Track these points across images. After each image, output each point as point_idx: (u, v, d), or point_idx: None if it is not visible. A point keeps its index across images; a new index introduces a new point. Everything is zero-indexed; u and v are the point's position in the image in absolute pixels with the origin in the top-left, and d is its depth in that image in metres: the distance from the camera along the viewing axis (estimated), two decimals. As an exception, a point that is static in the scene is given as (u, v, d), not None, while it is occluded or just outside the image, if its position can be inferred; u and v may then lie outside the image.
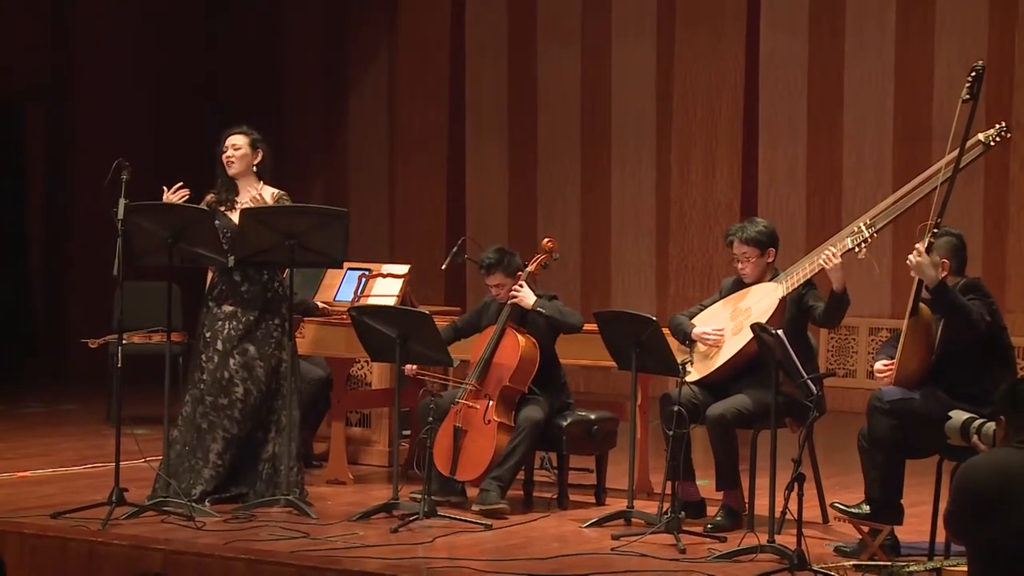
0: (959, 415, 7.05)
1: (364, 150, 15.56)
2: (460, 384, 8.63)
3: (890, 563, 7.15)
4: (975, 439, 6.86)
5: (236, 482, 8.43)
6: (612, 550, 7.53)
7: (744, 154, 13.74)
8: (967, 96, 7.40)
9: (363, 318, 8.33)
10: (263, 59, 15.85)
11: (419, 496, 8.11)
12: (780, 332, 7.38)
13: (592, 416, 8.72)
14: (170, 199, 8.32)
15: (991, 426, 6.82)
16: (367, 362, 9.92)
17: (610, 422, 8.81)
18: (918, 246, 7.30)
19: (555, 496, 8.72)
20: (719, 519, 8.01)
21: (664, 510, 7.82)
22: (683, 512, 7.87)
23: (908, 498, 7.48)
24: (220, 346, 8.40)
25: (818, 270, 7.96)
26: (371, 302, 9.51)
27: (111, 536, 7.58)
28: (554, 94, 14.59)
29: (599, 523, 8.08)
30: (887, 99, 13.13)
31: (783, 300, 8.07)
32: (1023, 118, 12.41)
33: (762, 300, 8.13)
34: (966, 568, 5.65)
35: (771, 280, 8.19)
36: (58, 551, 7.57)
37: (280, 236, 8.18)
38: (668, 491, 7.83)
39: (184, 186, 8.39)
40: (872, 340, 12.98)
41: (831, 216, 13.10)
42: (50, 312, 14.95)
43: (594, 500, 8.77)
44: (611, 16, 14.29)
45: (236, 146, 8.57)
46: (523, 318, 8.62)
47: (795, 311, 8.06)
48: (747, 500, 8.10)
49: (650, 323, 8.04)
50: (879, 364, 7.59)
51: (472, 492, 8.50)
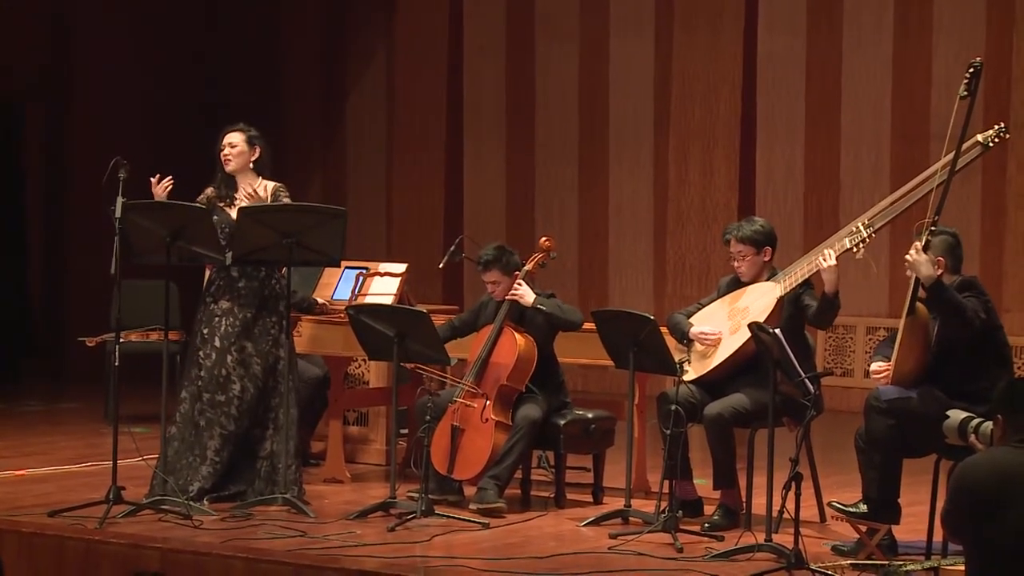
0: (956, 414, 7.04)
1: (362, 149, 15.54)
2: (458, 383, 8.62)
3: (887, 562, 7.13)
4: (972, 438, 6.86)
5: (233, 480, 8.42)
6: (609, 549, 7.53)
7: (742, 154, 13.71)
8: (965, 93, 7.37)
9: (361, 317, 8.33)
10: (262, 59, 15.82)
11: (416, 495, 8.10)
12: (778, 331, 7.37)
13: (589, 415, 8.71)
14: (156, 191, 8.30)
15: (988, 425, 6.82)
16: (365, 361, 9.90)
17: (607, 421, 8.79)
18: (916, 244, 7.29)
19: (552, 495, 8.71)
20: (716, 518, 8.00)
21: (661, 509, 7.80)
22: (680, 511, 7.87)
23: (905, 497, 7.46)
24: (218, 343, 8.39)
25: (816, 270, 7.94)
26: (369, 301, 9.50)
27: (108, 535, 7.57)
28: (552, 93, 14.57)
29: (596, 522, 8.07)
30: (884, 99, 13.11)
31: (781, 299, 8.05)
32: (1021, 117, 12.38)
33: (760, 299, 8.12)
34: (963, 567, 5.64)
35: (769, 279, 8.17)
36: (56, 550, 7.56)
37: (278, 235, 8.17)
38: (665, 490, 7.82)
39: (171, 177, 8.36)
40: (869, 339, 12.96)
41: (828, 216, 13.09)
42: (48, 311, 14.91)
43: (591, 499, 8.76)
44: (609, 15, 14.27)
45: (233, 144, 8.57)
46: (521, 317, 8.61)
47: (792, 310, 8.05)
48: (744, 499, 8.10)
49: (648, 322, 8.03)
50: (875, 366, 7.57)
51: (469, 491, 8.49)
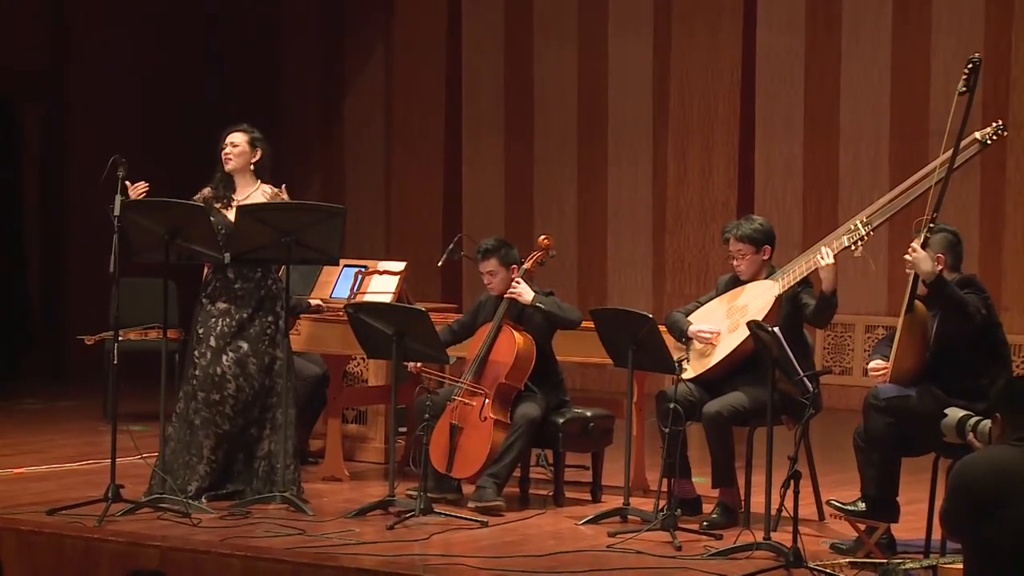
0: (955, 412, 7.04)
1: (361, 147, 15.53)
2: (457, 381, 8.61)
3: (886, 561, 7.13)
4: (971, 437, 6.86)
5: (231, 479, 8.41)
6: (608, 547, 7.52)
7: (740, 152, 13.70)
8: (963, 89, 7.36)
9: (359, 315, 8.32)
10: (261, 57, 15.82)
11: (415, 493, 8.10)
12: (776, 329, 7.37)
13: (588, 413, 8.70)
14: (131, 195, 8.24)
15: (987, 424, 6.82)
16: (363, 359, 9.90)
17: (606, 419, 8.79)
18: (914, 243, 7.28)
19: (551, 493, 8.70)
20: (715, 516, 8.00)
21: (660, 507, 7.80)
22: (679, 509, 7.87)
23: (904, 496, 7.46)
24: (213, 343, 8.38)
25: (814, 268, 7.94)
26: (367, 299, 9.50)
27: (107, 533, 7.57)
28: (551, 91, 14.56)
29: (595, 520, 8.07)
30: (883, 97, 13.10)
31: (779, 298, 8.04)
32: (1019, 115, 12.39)
33: (759, 297, 8.11)
34: (962, 566, 5.64)
35: (767, 278, 8.17)
36: (54, 548, 7.56)
37: (276, 233, 8.16)
38: (664, 488, 7.82)
39: (146, 183, 8.29)
40: (868, 337, 12.95)
41: (827, 214, 13.08)
42: (47, 309, 14.91)
43: (590, 497, 8.75)
44: (608, 14, 14.26)
45: (235, 143, 8.55)
46: (520, 315, 8.60)
47: (790, 308, 8.04)
48: (743, 497, 8.10)
49: (647, 320, 8.03)
50: (873, 363, 7.58)
51: (468, 489, 8.48)
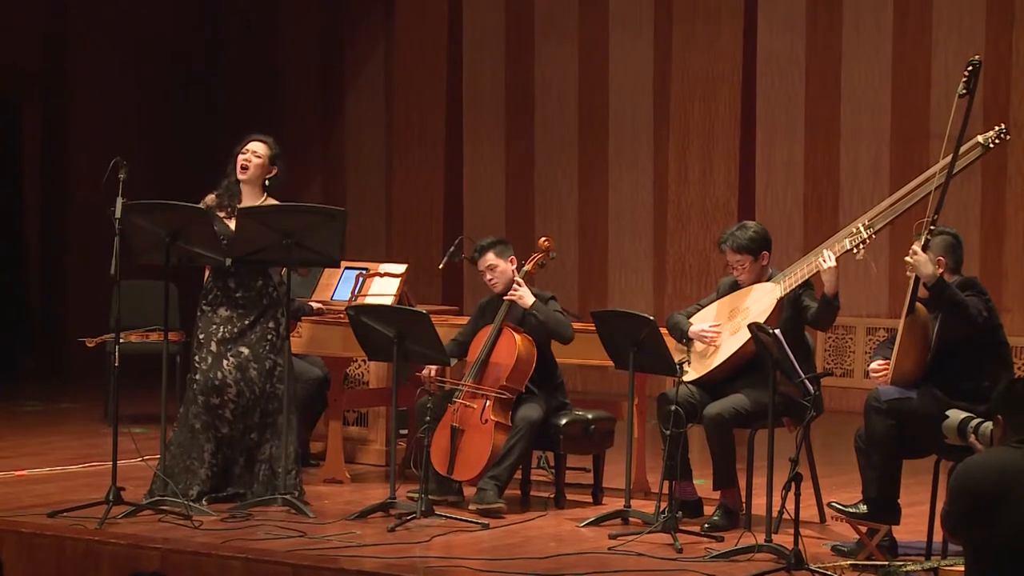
0: (956, 414, 7.03)
1: (361, 149, 15.54)
2: (457, 384, 8.61)
3: (887, 563, 7.14)
4: (972, 438, 6.85)
5: (232, 483, 8.41)
6: (609, 549, 7.53)
7: (741, 153, 13.70)
8: (963, 91, 7.35)
9: (360, 317, 8.33)
10: (260, 58, 15.83)
11: (416, 495, 8.10)
12: (777, 332, 7.37)
13: (589, 415, 8.71)
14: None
15: (988, 426, 6.81)
16: (364, 361, 9.91)
17: (607, 421, 8.79)
18: (915, 245, 7.29)
19: (552, 495, 8.70)
20: (716, 519, 8.00)
21: (661, 509, 7.80)
22: (680, 511, 7.87)
23: (905, 498, 7.46)
24: (214, 348, 8.36)
25: (815, 271, 7.94)
26: (368, 301, 9.50)
27: (108, 535, 7.57)
28: (551, 92, 14.57)
29: (596, 522, 8.07)
30: (884, 98, 13.11)
31: (781, 300, 8.05)
32: (1020, 117, 12.39)
33: (760, 300, 8.11)
34: (963, 568, 5.65)
35: (769, 280, 8.18)
36: (55, 550, 7.56)
37: (277, 235, 8.14)
38: (665, 490, 7.82)
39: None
40: (869, 340, 12.96)
41: (828, 216, 13.09)
42: (48, 311, 14.92)
43: (591, 499, 8.75)
44: (608, 14, 14.27)
45: (257, 153, 8.43)
46: (521, 318, 8.61)
47: (792, 311, 8.05)
48: (744, 500, 8.10)
49: (647, 322, 8.03)
50: (874, 365, 7.58)
51: (469, 491, 8.48)
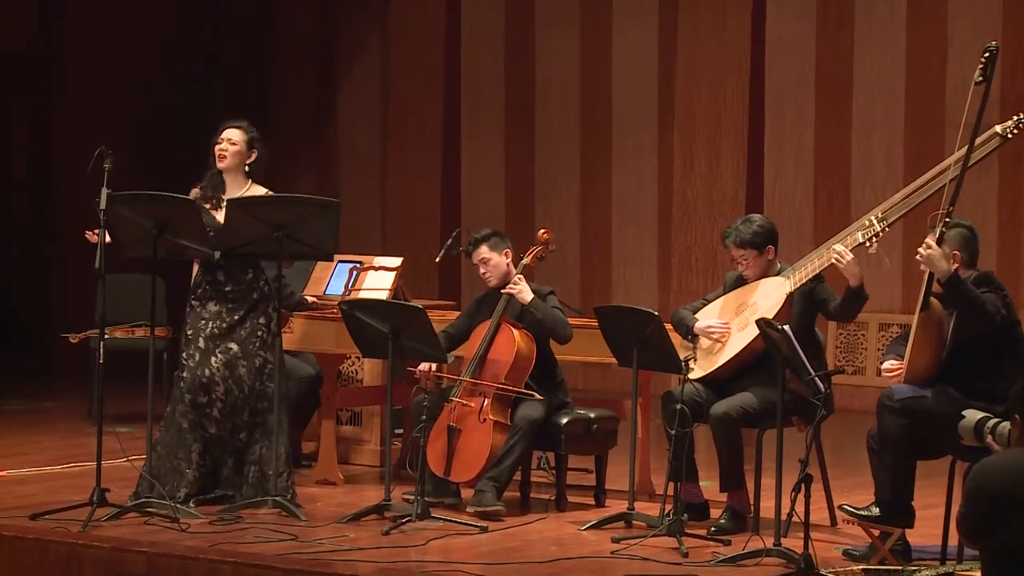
0: (972, 414, 7.04)
1: (356, 138, 15.54)
2: (455, 380, 8.61)
3: (901, 567, 7.15)
4: (989, 439, 6.86)
5: (220, 484, 8.42)
6: (612, 554, 7.53)
7: (750, 144, 13.71)
8: (980, 78, 7.36)
9: (354, 313, 8.32)
10: (253, 46, 15.83)
11: (412, 497, 8.10)
12: (787, 328, 7.38)
13: (591, 415, 8.71)
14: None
15: (1006, 426, 6.82)
16: (358, 358, 9.91)
17: (610, 421, 8.80)
18: (928, 239, 7.28)
19: (553, 497, 8.71)
20: (723, 522, 8.01)
21: (666, 512, 7.81)
22: (686, 514, 7.85)
23: (919, 500, 7.47)
24: (202, 344, 8.37)
25: (827, 265, 7.94)
26: (362, 296, 9.52)
27: (92, 538, 7.57)
28: (552, 81, 14.57)
29: (598, 525, 8.08)
30: (898, 86, 13.11)
31: (790, 295, 8.05)
32: (1039, 106, 12.41)
33: (768, 295, 8.11)
34: (979, 573, 5.65)
35: (778, 274, 8.18)
36: (37, 553, 7.56)
37: (268, 227, 8.14)
38: (670, 492, 7.83)
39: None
40: (882, 336, 12.96)
41: (840, 208, 13.08)
42: (31, 306, 14.93)
43: (593, 502, 8.76)
44: (611, 0, 14.27)
45: (232, 140, 8.46)
46: (520, 313, 8.61)
47: (806, 304, 8.05)
48: (752, 502, 8.10)
49: (652, 318, 8.03)
50: (886, 364, 7.58)
51: (467, 493, 8.49)
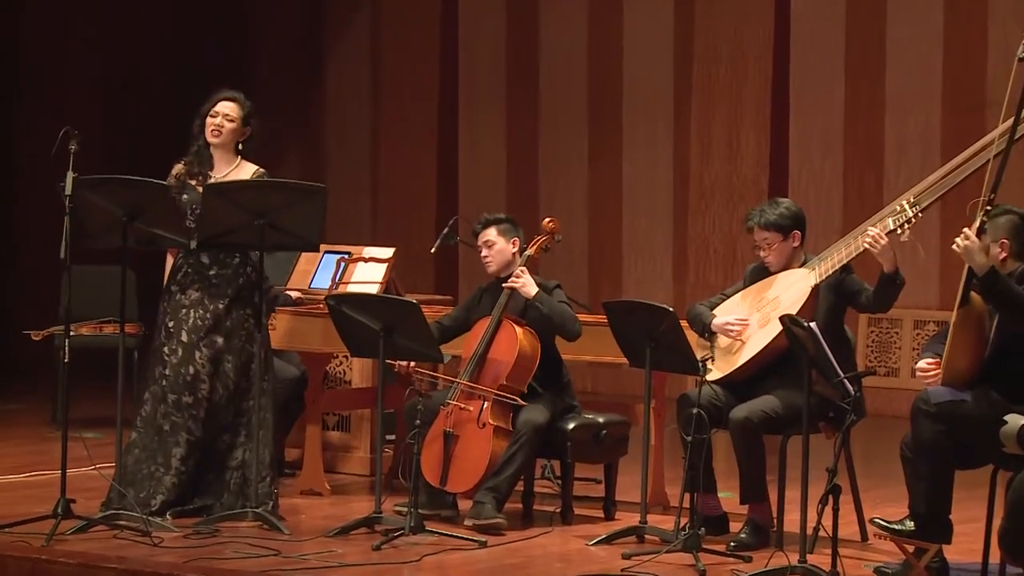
0: (1016, 419, 7.02)
1: (344, 119, 15.55)
2: (452, 381, 8.59)
3: (937, 587, 7.13)
4: (1034, 447, 6.84)
5: (200, 493, 8.43)
6: (623, 571, 7.52)
7: (773, 124, 13.74)
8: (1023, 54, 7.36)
9: (342, 308, 8.31)
10: (232, 16, 15.81)
11: (405, 509, 8.10)
12: (813, 325, 7.35)
13: (600, 419, 8.71)
14: None
15: (1053, 433, 6.81)
16: (346, 357, 9.91)
17: (620, 426, 8.80)
18: (966, 229, 7.24)
19: (558, 510, 8.72)
20: (744, 536, 8.01)
21: (682, 526, 7.80)
22: (703, 528, 7.85)
23: (958, 514, 7.44)
24: (185, 337, 8.36)
25: (856, 254, 7.92)
26: (351, 290, 9.51)
27: (56, 553, 7.57)
28: (558, 56, 14.60)
29: (608, 540, 8.08)
30: (935, 61, 13.12)
31: (815, 288, 8.04)
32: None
33: (791, 288, 8.11)
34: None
35: (801, 266, 8.16)
36: (-4, 570, 7.56)
37: (248, 215, 8.13)
38: (686, 504, 7.83)
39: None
40: (918, 334, 12.97)
41: (870, 193, 13.08)
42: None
43: (602, 514, 8.77)
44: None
45: (229, 116, 8.44)
46: (523, 309, 8.58)
47: (834, 298, 8.04)
48: (775, 515, 8.10)
49: (666, 314, 8.02)
50: (922, 363, 7.55)
51: (465, 505, 8.49)
